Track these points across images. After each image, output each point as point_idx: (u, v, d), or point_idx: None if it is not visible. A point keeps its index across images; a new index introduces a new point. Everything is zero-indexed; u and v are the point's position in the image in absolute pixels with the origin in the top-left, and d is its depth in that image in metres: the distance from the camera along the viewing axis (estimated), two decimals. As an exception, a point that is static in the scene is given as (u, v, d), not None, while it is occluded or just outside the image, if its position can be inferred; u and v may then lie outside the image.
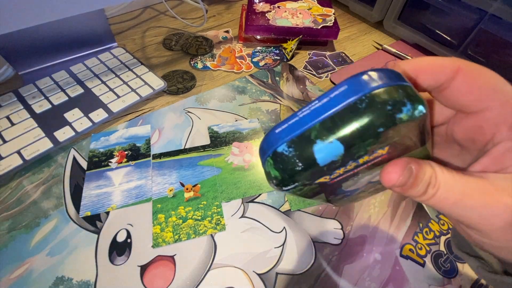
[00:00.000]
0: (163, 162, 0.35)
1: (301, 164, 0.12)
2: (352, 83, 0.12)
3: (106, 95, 0.40)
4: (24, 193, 0.32)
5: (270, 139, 0.13)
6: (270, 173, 0.13)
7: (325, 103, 0.12)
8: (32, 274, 0.27)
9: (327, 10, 0.55)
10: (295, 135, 0.12)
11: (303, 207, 0.33)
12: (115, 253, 0.28)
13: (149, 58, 0.49)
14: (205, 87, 0.45)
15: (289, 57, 0.51)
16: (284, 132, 0.12)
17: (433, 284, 0.28)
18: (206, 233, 0.30)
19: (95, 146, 0.36)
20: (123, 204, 0.32)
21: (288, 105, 0.43)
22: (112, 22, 0.56)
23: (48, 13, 0.31)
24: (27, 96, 0.39)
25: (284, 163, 0.12)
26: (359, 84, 0.12)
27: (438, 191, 0.13)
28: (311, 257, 0.29)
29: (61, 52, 0.45)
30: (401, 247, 0.30)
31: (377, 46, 0.55)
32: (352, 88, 0.12)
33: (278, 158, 0.12)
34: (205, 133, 0.39)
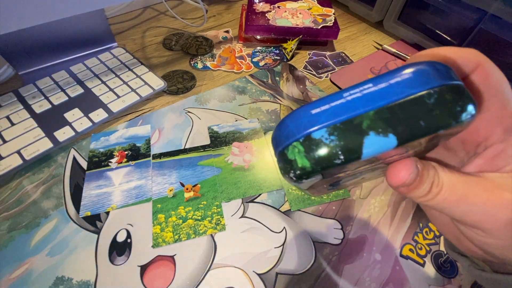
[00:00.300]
0: (163, 162, 0.35)
1: (343, 156, 0.10)
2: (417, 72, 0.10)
3: (106, 95, 0.40)
4: (24, 193, 0.32)
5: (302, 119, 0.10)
6: (295, 162, 0.11)
7: (383, 89, 0.10)
8: (32, 274, 0.27)
9: (327, 10, 0.55)
10: (340, 121, 0.10)
11: (303, 207, 0.33)
12: (115, 253, 0.28)
13: (149, 58, 0.49)
14: (205, 87, 0.45)
15: (289, 57, 0.51)
16: (325, 115, 0.10)
17: (433, 284, 0.28)
18: (206, 233, 0.30)
19: (95, 146, 0.36)
20: (123, 204, 0.32)
21: (288, 105, 0.43)
22: (112, 22, 0.56)
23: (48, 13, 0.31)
24: (27, 96, 0.39)
25: (320, 152, 0.10)
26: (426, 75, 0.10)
27: (441, 189, 0.13)
28: (311, 257, 0.29)
29: (61, 52, 0.45)
30: (401, 247, 0.30)
31: (377, 46, 0.55)
32: (419, 78, 0.10)
33: (313, 146, 0.10)
34: (205, 133, 0.39)
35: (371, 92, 0.10)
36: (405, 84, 0.10)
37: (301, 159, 0.10)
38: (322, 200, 0.33)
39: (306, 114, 0.11)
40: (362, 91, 0.10)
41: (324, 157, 0.10)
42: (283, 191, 0.34)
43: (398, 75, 0.10)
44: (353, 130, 0.10)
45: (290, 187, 0.34)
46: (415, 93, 0.10)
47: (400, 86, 0.10)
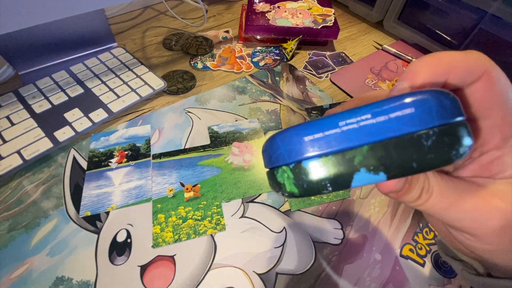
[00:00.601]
0: (163, 162, 0.35)
1: (331, 188, 0.10)
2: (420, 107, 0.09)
3: (106, 95, 0.40)
4: (24, 193, 0.32)
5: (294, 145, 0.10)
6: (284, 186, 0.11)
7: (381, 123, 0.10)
8: (32, 274, 0.27)
9: (327, 10, 0.55)
10: (332, 152, 0.10)
11: (303, 207, 0.33)
12: (115, 253, 0.28)
13: (149, 58, 0.49)
14: (205, 87, 0.45)
15: (289, 57, 0.51)
16: (318, 144, 0.10)
17: (433, 284, 0.28)
18: (206, 233, 0.30)
19: (95, 146, 0.36)
20: (123, 204, 0.32)
21: (288, 105, 0.43)
22: (112, 22, 0.56)
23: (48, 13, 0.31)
24: (27, 96, 0.39)
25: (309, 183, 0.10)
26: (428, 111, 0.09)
27: (431, 195, 0.13)
28: (311, 257, 0.29)
29: (61, 52, 0.45)
30: (401, 247, 0.30)
31: (377, 46, 0.55)
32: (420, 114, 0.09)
33: (303, 175, 0.10)
34: (205, 133, 0.39)
35: (369, 125, 0.10)
36: (405, 121, 0.09)
37: (290, 185, 0.10)
38: (322, 200, 0.33)
39: (298, 139, 0.10)
40: (359, 122, 0.10)
41: (313, 187, 0.10)
42: (283, 191, 0.34)
43: (400, 108, 0.10)
44: (344, 164, 0.10)
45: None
46: (413, 132, 0.09)
47: (400, 123, 0.09)
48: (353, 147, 0.10)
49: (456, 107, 0.10)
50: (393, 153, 0.09)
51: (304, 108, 0.43)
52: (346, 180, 0.10)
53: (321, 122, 0.10)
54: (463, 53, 0.13)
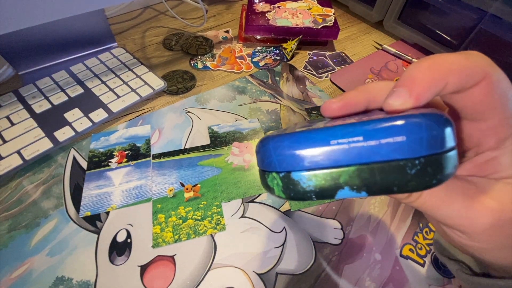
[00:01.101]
0: (163, 162, 0.35)
1: (315, 198, 0.11)
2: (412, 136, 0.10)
3: (106, 95, 0.40)
4: (24, 193, 0.32)
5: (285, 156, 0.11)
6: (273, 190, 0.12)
7: (371, 147, 0.10)
8: (32, 274, 0.27)
9: (327, 10, 0.55)
10: (320, 168, 0.10)
11: (303, 207, 0.33)
12: (115, 253, 0.28)
13: (149, 58, 0.49)
14: (205, 87, 0.45)
15: (289, 57, 0.51)
16: (307, 159, 0.10)
17: (433, 284, 0.28)
18: (206, 233, 0.30)
19: (95, 146, 0.36)
20: (123, 204, 0.32)
21: (288, 105, 0.43)
22: (112, 22, 0.56)
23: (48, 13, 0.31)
24: (27, 96, 0.39)
25: (296, 192, 0.11)
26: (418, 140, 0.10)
27: (422, 193, 0.13)
28: (311, 257, 0.29)
29: (61, 52, 0.45)
30: (401, 247, 0.30)
31: (377, 46, 0.55)
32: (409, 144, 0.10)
33: (290, 185, 0.11)
34: (205, 133, 0.39)
35: (359, 147, 0.10)
36: (394, 148, 0.10)
37: (278, 191, 0.11)
38: (322, 200, 0.33)
39: (289, 151, 0.11)
40: (350, 143, 0.10)
41: (299, 196, 0.11)
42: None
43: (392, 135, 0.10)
44: (330, 181, 0.10)
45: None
46: (400, 160, 0.10)
47: (389, 149, 0.10)
48: (341, 166, 0.10)
49: (447, 136, 0.10)
50: (377, 176, 0.10)
51: (304, 108, 0.43)
52: (330, 194, 0.11)
53: (314, 137, 0.11)
54: (463, 56, 0.12)
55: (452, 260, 0.18)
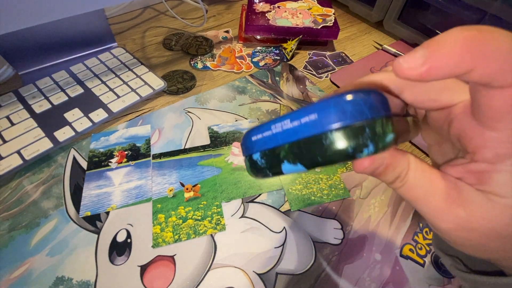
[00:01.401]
0: (163, 162, 0.35)
1: (270, 173, 0.14)
2: (322, 112, 0.11)
3: (106, 95, 0.40)
4: (24, 193, 0.32)
5: (247, 143, 0.14)
6: (247, 170, 0.15)
7: (295, 127, 0.12)
8: (32, 274, 0.27)
9: (327, 10, 0.55)
10: (267, 149, 0.13)
11: (303, 207, 0.33)
12: (115, 253, 0.28)
13: (149, 58, 0.49)
14: (205, 87, 0.45)
15: (289, 57, 0.51)
16: (258, 143, 0.14)
17: (433, 284, 0.28)
18: (206, 233, 0.30)
19: (95, 146, 0.36)
20: (123, 204, 0.32)
21: (288, 105, 0.43)
22: (112, 22, 0.56)
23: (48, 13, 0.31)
24: (27, 96, 0.39)
25: (257, 169, 0.14)
26: (328, 115, 0.11)
27: (404, 185, 0.13)
28: (311, 257, 0.29)
29: (61, 52, 0.45)
30: (401, 247, 0.30)
31: (377, 46, 0.55)
32: (320, 119, 0.11)
33: (253, 164, 0.14)
34: (205, 133, 0.39)
35: (287, 129, 0.12)
36: (310, 125, 0.12)
37: (249, 171, 0.15)
38: (322, 200, 0.33)
39: (249, 139, 0.14)
40: (282, 127, 0.13)
41: (260, 173, 0.14)
42: (283, 191, 0.34)
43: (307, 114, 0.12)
44: (274, 157, 0.13)
45: (290, 187, 0.34)
46: (313, 134, 0.12)
47: (306, 127, 0.12)
48: (279, 145, 0.13)
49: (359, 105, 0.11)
50: (303, 149, 0.12)
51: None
52: (278, 169, 0.13)
53: (262, 126, 0.14)
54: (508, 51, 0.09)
55: (447, 255, 0.18)
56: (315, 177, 0.35)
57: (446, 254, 0.19)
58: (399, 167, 0.13)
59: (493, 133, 0.11)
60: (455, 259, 0.18)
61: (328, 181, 0.35)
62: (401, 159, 0.13)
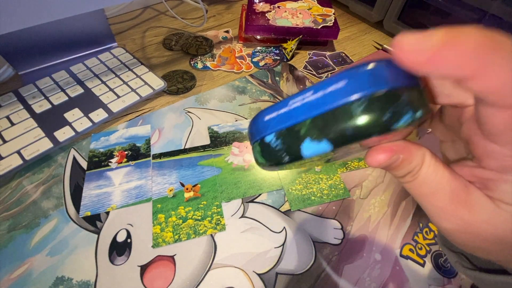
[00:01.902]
0: (163, 162, 0.35)
1: (287, 157, 0.12)
2: (353, 78, 0.10)
3: (106, 95, 0.40)
4: (24, 193, 0.32)
5: (259, 124, 0.13)
6: (256, 158, 0.13)
7: (319, 98, 0.11)
8: (32, 274, 0.27)
9: (327, 10, 0.55)
10: (283, 127, 0.12)
11: (303, 207, 0.33)
12: (115, 253, 0.28)
13: (149, 58, 0.49)
14: (205, 87, 0.45)
15: (289, 57, 0.51)
16: (273, 121, 0.12)
17: (433, 284, 0.28)
18: (206, 233, 0.30)
19: (95, 146, 0.36)
20: (123, 204, 0.32)
21: (288, 105, 0.43)
22: (112, 22, 0.56)
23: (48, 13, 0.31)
24: (27, 96, 0.39)
25: (270, 153, 0.12)
26: (359, 81, 0.10)
27: (414, 180, 0.13)
28: (311, 257, 0.29)
29: (61, 52, 0.45)
30: (401, 247, 0.30)
31: (377, 46, 0.55)
32: (351, 86, 0.10)
33: (265, 148, 0.12)
34: (205, 133, 0.39)
35: (310, 101, 0.11)
36: (338, 93, 0.10)
37: (260, 157, 0.13)
38: (322, 200, 0.33)
39: (261, 120, 0.12)
40: (303, 100, 0.11)
41: (274, 157, 0.12)
42: (283, 191, 0.34)
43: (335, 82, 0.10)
44: (293, 136, 0.11)
45: (290, 187, 0.34)
46: (344, 103, 0.10)
47: (334, 95, 0.10)
48: (299, 122, 0.11)
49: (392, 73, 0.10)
50: (330, 123, 0.11)
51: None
52: (297, 149, 0.11)
53: (277, 104, 0.12)
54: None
55: (452, 252, 0.18)
56: (315, 177, 0.35)
57: (451, 250, 0.18)
58: (414, 162, 0.13)
59: (496, 146, 0.11)
60: (460, 255, 0.18)
61: (328, 181, 0.35)
62: (417, 153, 0.13)
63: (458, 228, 0.13)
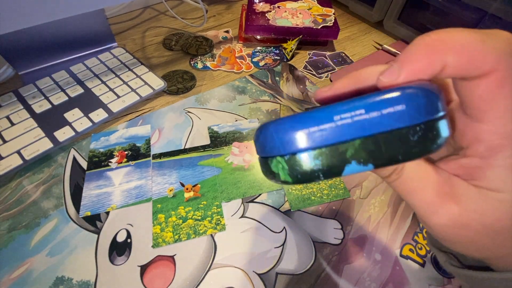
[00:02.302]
0: (163, 162, 0.35)
1: (323, 177, 0.11)
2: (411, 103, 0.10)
3: (106, 95, 0.40)
4: (24, 193, 0.32)
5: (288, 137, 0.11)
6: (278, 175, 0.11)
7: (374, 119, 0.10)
8: (32, 274, 0.27)
9: (327, 10, 0.55)
10: (326, 145, 0.10)
11: (303, 207, 0.33)
12: (115, 253, 0.28)
13: (149, 58, 0.49)
14: (205, 87, 0.45)
15: (289, 57, 0.51)
16: (312, 137, 0.10)
17: (433, 284, 0.28)
18: (206, 233, 0.30)
19: (95, 146, 0.36)
20: (123, 204, 0.32)
21: (288, 105, 0.43)
22: (112, 22, 0.56)
23: (48, 13, 0.31)
24: (27, 96, 0.39)
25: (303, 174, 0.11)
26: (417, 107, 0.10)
27: (399, 179, 0.13)
28: (311, 257, 0.29)
29: (61, 52, 0.45)
30: (401, 247, 0.30)
31: (377, 46, 0.55)
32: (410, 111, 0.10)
33: (297, 166, 0.11)
34: (205, 133, 0.39)
35: (362, 120, 0.10)
36: (396, 117, 0.10)
37: (284, 175, 0.11)
38: (322, 200, 0.33)
39: (293, 131, 0.11)
40: (353, 117, 0.10)
41: (306, 177, 0.11)
42: (283, 191, 0.34)
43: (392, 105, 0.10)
44: (337, 157, 0.10)
45: (290, 187, 0.34)
46: (403, 128, 0.10)
47: (391, 119, 0.10)
48: (346, 141, 0.10)
49: (441, 102, 0.11)
50: (382, 147, 0.10)
51: (304, 108, 0.43)
52: (338, 171, 0.11)
53: (316, 116, 0.10)
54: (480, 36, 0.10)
55: (442, 252, 0.18)
56: (315, 177, 0.35)
57: (440, 250, 0.19)
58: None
59: (483, 125, 0.11)
60: (449, 255, 0.18)
61: (328, 181, 0.35)
62: None
63: (448, 223, 0.13)
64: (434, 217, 0.13)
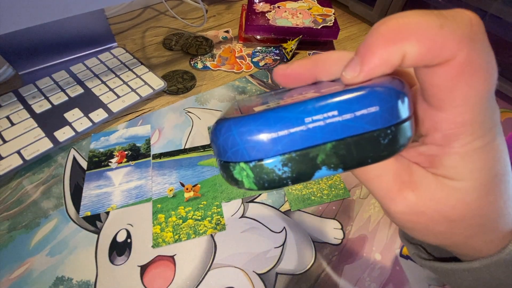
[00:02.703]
0: (163, 162, 0.35)
1: (291, 183, 0.10)
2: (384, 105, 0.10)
3: (106, 95, 0.40)
4: (24, 193, 0.32)
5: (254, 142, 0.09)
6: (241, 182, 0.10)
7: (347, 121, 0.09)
8: (32, 274, 0.27)
9: (327, 10, 0.55)
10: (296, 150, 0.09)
11: (303, 207, 0.33)
12: (115, 253, 0.28)
13: (149, 58, 0.49)
14: (205, 87, 0.45)
15: (289, 57, 0.51)
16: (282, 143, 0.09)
17: (433, 284, 0.28)
18: (206, 233, 0.30)
19: (95, 146, 0.36)
20: (123, 204, 0.32)
21: (288, 105, 0.43)
22: (112, 22, 0.56)
23: (48, 13, 0.31)
24: (27, 96, 0.39)
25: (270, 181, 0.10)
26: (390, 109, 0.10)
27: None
28: (311, 257, 0.29)
29: (61, 52, 0.45)
30: (401, 247, 0.30)
31: (377, 46, 0.55)
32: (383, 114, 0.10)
33: (264, 174, 0.10)
34: (205, 133, 0.39)
35: (335, 122, 0.09)
36: (369, 119, 0.10)
37: (249, 183, 0.10)
38: (322, 200, 0.33)
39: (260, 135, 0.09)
40: (325, 119, 0.09)
41: (273, 185, 0.10)
42: (283, 191, 0.34)
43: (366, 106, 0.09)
44: (307, 162, 0.10)
45: (290, 187, 0.34)
46: (375, 130, 0.10)
47: (363, 121, 0.09)
48: (318, 145, 0.10)
49: (410, 103, 0.11)
50: (353, 151, 0.10)
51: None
52: (307, 177, 0.10)
53: (285, 116, 0.09)
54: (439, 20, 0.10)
55: (411, 244, 0.18)
56: (315, 177, 0.35)
57: (410, 242, 0.19)
58: None
59: (441, 113, 0.11)
60: (418, 247, 0.18)
61: (328, 181, 0.35)
62: None
63: (405, 210, 0.13)
64: (392, 205, 0.13)
